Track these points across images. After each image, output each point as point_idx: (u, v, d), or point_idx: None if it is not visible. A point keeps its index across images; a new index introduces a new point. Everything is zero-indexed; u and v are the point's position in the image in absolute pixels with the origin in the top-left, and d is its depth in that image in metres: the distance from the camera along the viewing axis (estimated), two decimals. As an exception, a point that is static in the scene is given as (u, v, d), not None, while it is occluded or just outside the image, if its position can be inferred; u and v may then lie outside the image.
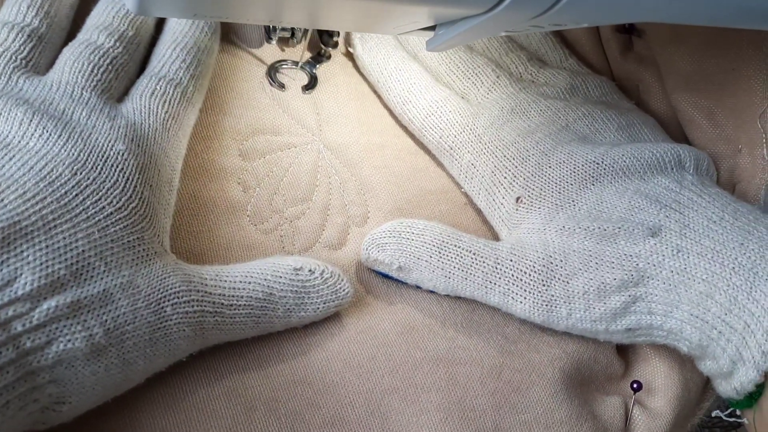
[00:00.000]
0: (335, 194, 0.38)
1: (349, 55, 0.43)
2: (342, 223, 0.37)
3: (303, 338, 0.33)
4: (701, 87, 0.41)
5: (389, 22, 0.28)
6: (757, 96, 0.39)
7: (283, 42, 0.41)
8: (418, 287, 0.36)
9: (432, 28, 0.29)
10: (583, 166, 0.36)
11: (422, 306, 0.36)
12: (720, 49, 0.40)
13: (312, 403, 0.31)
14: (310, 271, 0.32)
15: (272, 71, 0.40)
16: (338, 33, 0.42)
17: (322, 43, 0.41)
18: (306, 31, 0.40)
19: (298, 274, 0.32)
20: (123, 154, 0.29)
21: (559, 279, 0.33)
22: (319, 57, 0.41)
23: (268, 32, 0.40)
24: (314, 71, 0.41)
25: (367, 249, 0.35)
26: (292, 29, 0.39)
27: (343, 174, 0.39)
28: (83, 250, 0.26)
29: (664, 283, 0.32)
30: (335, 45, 0.42)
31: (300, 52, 0.41)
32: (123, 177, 0.29)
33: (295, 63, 0.41)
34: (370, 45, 0.41)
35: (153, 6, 0.26)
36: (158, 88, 0.32)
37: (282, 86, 0.40)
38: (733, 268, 0.31)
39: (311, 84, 0.40)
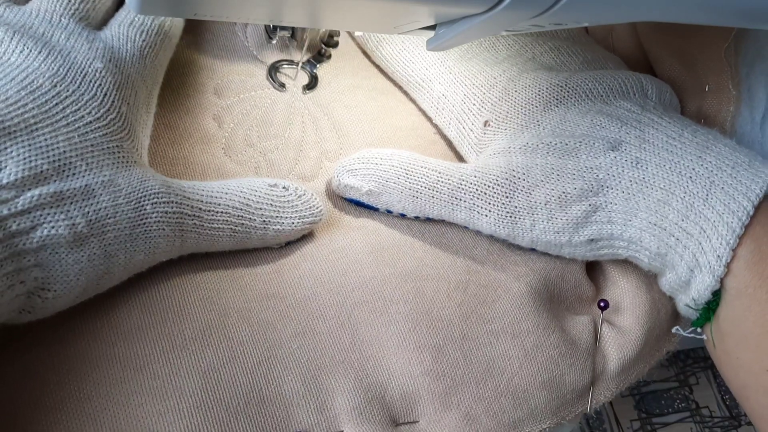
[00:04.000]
0: (309, 131, 0.39)
1: None
2: (315, 157, 0.39)
3: (276, 258, 0.35)
4: (671, 26, 0.42)
5: (390, 21, 0.29)
6: (722, 31, 0.40)
7: (284, 42, 0.42)
8: (389, 212, 0.37)
9: (432, 27, 0.30)
10: (547, 89, 0.37)
11: (393, 229, 0.37)
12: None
13: (284, 315, 0.33)
14: (284, 187, 0.34)
15: (272, 71, 0.41)
16: (338, 33, 0.43)
17: (322, 42, 0.42)
18: (305, 30, 0.40)
19: (273, 189, 0.33)
20: (101, 72, 0.30)
21: (521, 190, 0.35)
22: (319, 57, 0.42)
23: (269, 32, 0.41)
24: (315, 71, 0.42)
25: (337, 175, 0.37)
26: (293, 29, 0.40)
27: (316, 113, 0.40)
28: (64, 151, 0.28)
29: (623, 192, 0.33)
30: (335, 44, 0.43)
31: (301, 52, 0.42)
32: (101, 91, 0.30)
33: (295, 62, 0.41)
34: None
35: (155, 6, 0.27)
36: (137, 18, 0.34)
37: (282, 86, 0.40)
38: (690, 177, 0.33)
39: (312, 84, 0.41)
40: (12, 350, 0.29)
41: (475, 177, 0.35)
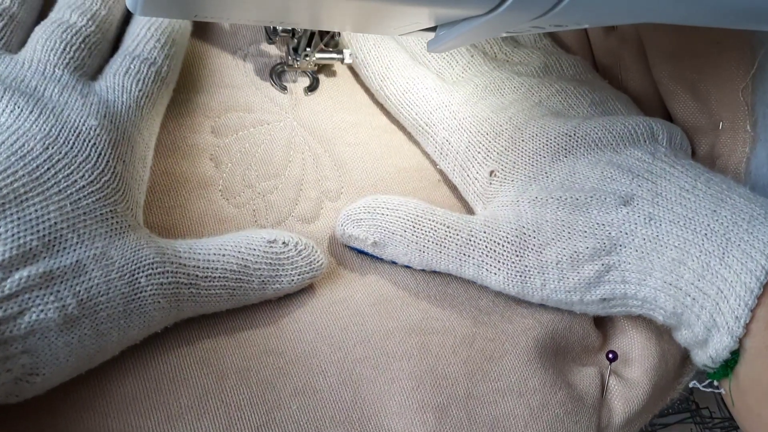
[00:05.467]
0: (309, 169, 0.38)
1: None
2: (315, 197, 0.37)
3: (275, 309, 0.33)
4: (684, 60, 0.41)
5: (390, 22, 0.28)
6: (739, 70, 0.39)
7: (284, 43, 0.41)
8: (393, 263, 0.36)
9: (433, 29, 0.29)
10: (555, 138, 0.36)
11: (396, 279, 0.36)
12: (704, 24, 0.40)
13: (283, 372, 0.31)
14: (284, 243, 0.32)
15: (274, 73, 0.40)
16: (339, 34, 0.42)
17: (322, 44, 0.41)
18: (306, 32, 0.39)
19: (272, 246, 0.32)
20: (95, 130, 0.29)
21: (532, 249, 0.33)
22: None
23: (269, 34, 0.40)
24: (316, 73, 0.41)
25: (342, 225, 0.35)
26: (293, 30, 0.39)
27: (317, 150, 0.39)
28: (55, 222, 0.26)
29: (637, 251, 0.32)
30: (336, 45, 0.42)
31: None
32: (95, 152, 0.29)
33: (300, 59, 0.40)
34: None
35: (155, 8, 0.26)
36: (132, 66, 0.32)
37: (284, 88, 0.40)
38: (706, 234, 0.31)
39: (313, 86, 0.40)
40: (-1, 422, 0.28)
41: (484, 233, 0.34)
